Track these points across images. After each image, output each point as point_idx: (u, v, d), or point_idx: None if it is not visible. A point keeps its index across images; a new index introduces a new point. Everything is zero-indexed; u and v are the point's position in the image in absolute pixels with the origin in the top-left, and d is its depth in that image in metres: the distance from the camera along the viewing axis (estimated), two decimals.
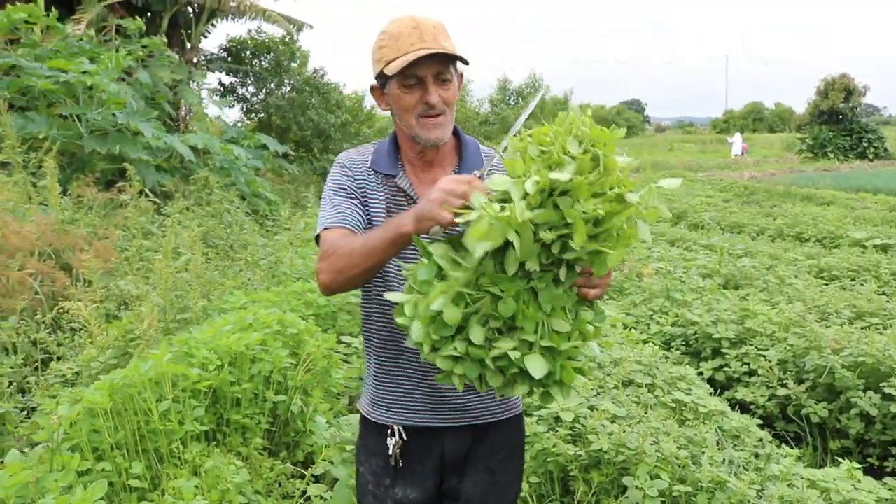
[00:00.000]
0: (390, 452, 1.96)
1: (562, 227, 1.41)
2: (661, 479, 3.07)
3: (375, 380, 2.00)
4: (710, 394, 4.51)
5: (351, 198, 1.89)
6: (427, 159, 1.92)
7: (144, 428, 2.95)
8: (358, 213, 1.86)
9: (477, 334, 1.46)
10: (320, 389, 3.98)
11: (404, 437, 1.95)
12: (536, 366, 1.46)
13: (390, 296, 1.60)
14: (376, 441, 2.00)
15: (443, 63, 1.79)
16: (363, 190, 1.92)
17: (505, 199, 1.44)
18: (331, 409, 4.08)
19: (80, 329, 4.02)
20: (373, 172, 1.93)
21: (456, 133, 1.98)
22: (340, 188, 1.91)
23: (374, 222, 1.89)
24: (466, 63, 1.85)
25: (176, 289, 4.46)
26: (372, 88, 1.93)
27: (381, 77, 1.84)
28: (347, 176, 1.93)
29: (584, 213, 1.38)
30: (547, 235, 1.40)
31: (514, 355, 1.46)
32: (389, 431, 1.97)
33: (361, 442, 2.08)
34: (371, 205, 1.91)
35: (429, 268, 1.52)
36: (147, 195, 7.80)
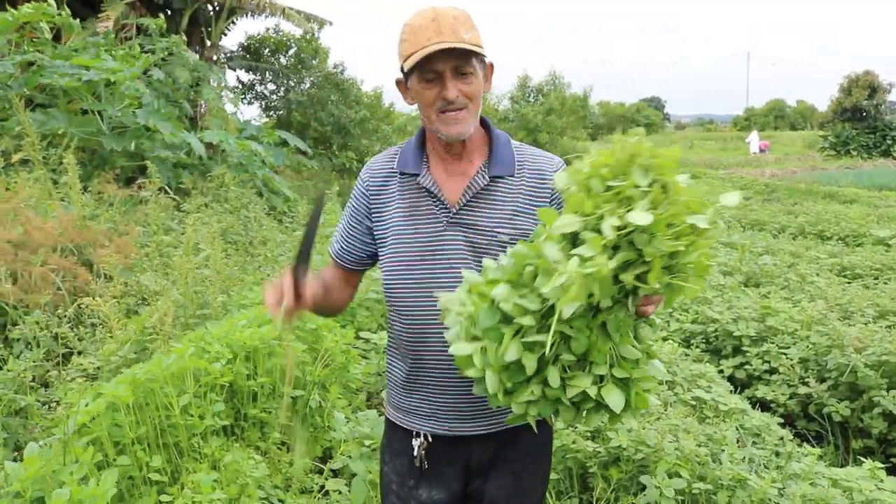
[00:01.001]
0: (415, 454, 1.94)
1: (639, 265, 1.34)
2: (680, 476, 3.04)
3: (402, 387, 1.98)
4: (731, 392, 4.47)
5: (355, 223, 1.97)
6: (454, 152, 1.88)
7: (165, 422, 2.96)
8: (354, 244, 1.98)
9: (554, 378, 1.42)
10: (338, 385, 3.99)
11: (430, 440, 1.93)
12: (615, 399, 1.44)
13: (456, 348, 1.52)
14: (401, 441, 1.99)
15: (462, 56, 1.73)
16: (376, 201, 1.92)
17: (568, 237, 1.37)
18: (349, 404, 4.08)
19: (101, 324, 4.05)
20: (397, 174, 1.91)
21: (486, 125, 1.94)
22: (351, 208, 1.99)
23: (392, 227, 1.88)
24: (484, 57, 1.80)
25: (195, 284, 4.48)
26: (397, 82, 1.90)
27: (404, 71, 1.82)
28: (360, 191, 1.96)
29: (661, 250, 1.31)
30: (627, 278, 1.34)
31: (591, 392, 1.42)
32: (415, 432, 1.95)
33: (386, 441, 2.06)
34: (387, 212, 1.90)
35: (491, 313, 1.46)
36: (167, 192, 7.84)
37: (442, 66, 1.73)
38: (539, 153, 1.93)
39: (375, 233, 1.94)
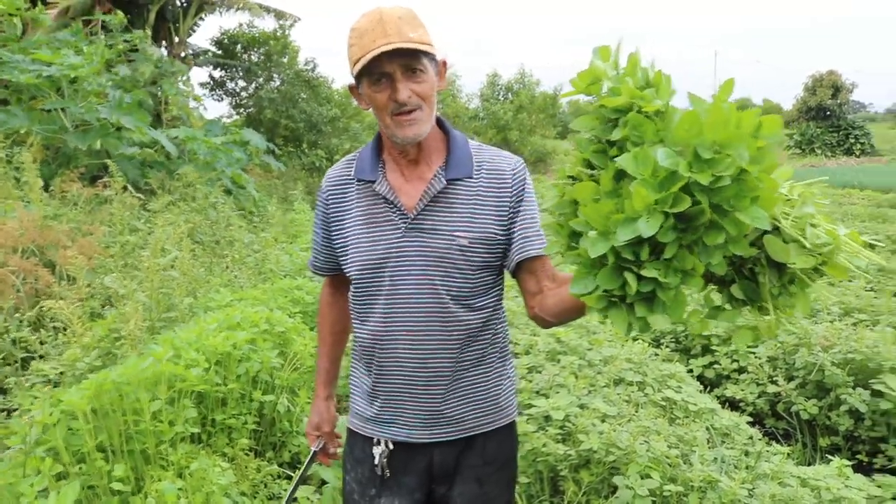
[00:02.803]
0: (377, 462, 1.90)
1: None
2: (651, 478, 3.04)
3: (364, 394, 1.95)
4: (700, 391, 4.50)
5: (323, 234, 1.98)
6: (411, 156, 1.84)
7: (133, 429, 2.90)
8: (325, 252, 2.01)
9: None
10: (307, 389, 3.94)
11: (391, 447, 1.90)
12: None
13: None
14: (362, 450, 1.95)
15: (410, 56, 1.68)
16: (336, 209, 1.91)
17: None
18: None
19: (64, 328, 3.96)
20: (354, 182, 1.88)
21: (442, 126, 1.90)
22: (317, 218, 2.01)
23: (351, 235, 1.86)
24: (433, 56, 1.75)
25: (162, 287, 4.39)
26: (350, 88, 1.86)
27: (354, 76, 1.77)
28: (321, 200, 1.97)
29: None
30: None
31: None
32: (376, 440, 1.92)
33: (348, 450, 2.03)
34: (347, 220, 1.88)
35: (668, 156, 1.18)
36: (131, 191, 7.71)
37: (390, 67, 1.68)
38: (498, 153, 1.89)
39: (336, 242, 1.91)
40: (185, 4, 16.68)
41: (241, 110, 19.64)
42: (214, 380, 3.36)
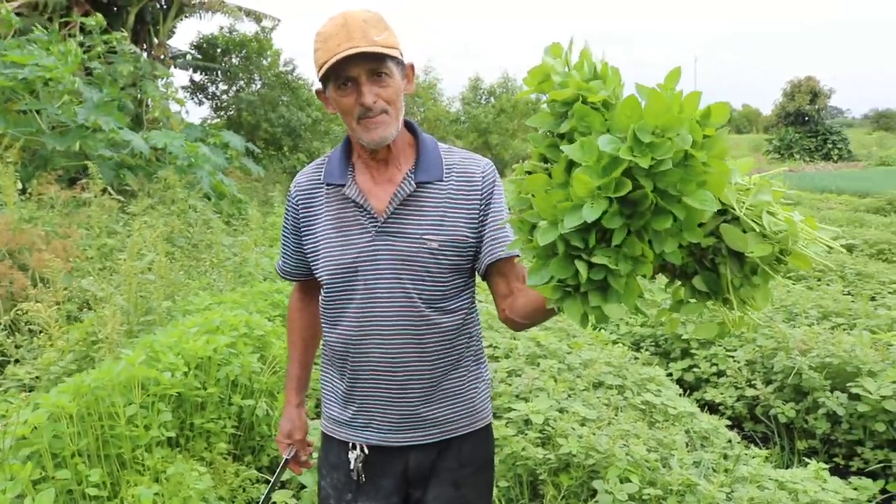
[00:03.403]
0: (352, 467, 1.89)
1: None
2: (631, 482, 3.05)
3: (337, 399, 1.93)
4: (680, 395, 4.51)
5: (292, 239, 1.97)
6: (379, 158, 1.83)
7: (108, 433, 2.87)
8: (295, 257, 2.00)
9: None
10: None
11: (366, 452, 1.89)
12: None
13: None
14: (338, 454, 1.94)
15: (375, 59, 1.67)
16: (306, 214, 1.89)
17: None
18: None
19: (40, 331, 3.91)
20: (324, 186, 1.87)
21: (411, 129, 1.89)
22: (286, 222, 1.99)
23: (321, 239, 1.85)
24: (399, 59, 1.74)
25: (140, 290, 4.35)
26: (317, 92, 1.85)
27: (322, 80, 1.76)
28: (290, 205, 1.96)
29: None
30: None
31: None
32: (351, 445, 1.90)
33: (323, 454, 2.01)
34: (317, 224, 1.86)
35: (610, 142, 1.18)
36: (110, 193, 7.64)
37: (355, 72, 1.67)
38: (468, 156, 1.89)
39: (306, 247, 1.90)
40: (164, 7, 16.58)
41: (222, 113, 19.54)
42: (194, 384, 3.33)
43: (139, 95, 12.52)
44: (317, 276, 1.89)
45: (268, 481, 3.46)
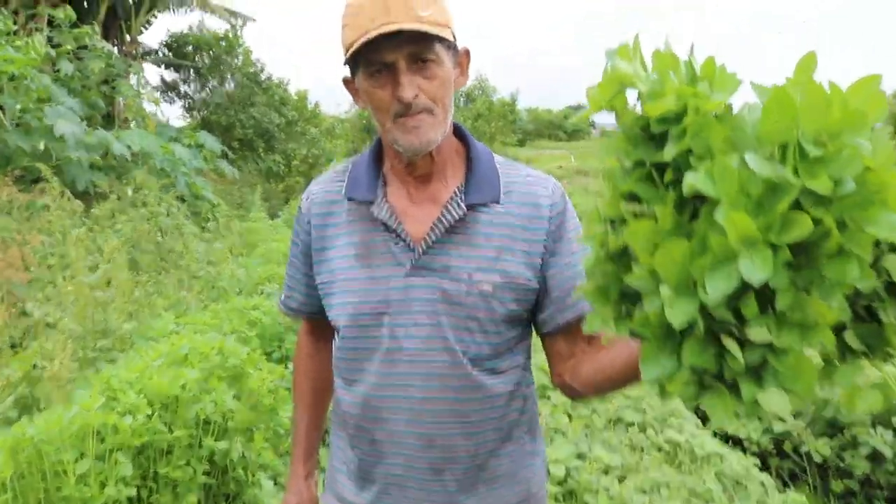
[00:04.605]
0: None
1: None
2: None
3: (349, 477, 1.47)
4: (699, 427, 4.10)
5: (299, 262, 1.53)
6: (420, 172, 1.37)
7: (55, 495, 2.37)
8: (304, 289, 1.55)
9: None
10: (265, 430, 3.44)
11: None
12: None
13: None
14: None
15: (419, 41, 1.23)
16: (319, 237, 1.43)
17: None
18: (276, 453, 3.54)
19: None
20: (344, 202, 1.41)
21: (460, 134, 1.43)
22: (293, 246, 1.55)
23: (338, 272, 1.39)
24: (451, 42, 1.29)
25: (96, 309, 3.79)
26: (344, 81, 1.39)
27: (350, 65, 1.31)
28: (301, 224, 1.49)
29: None
30: None
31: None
32: None
33: None
34: (334, 252, 1.40)
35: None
36: (69, 196, 7.04)
37: (392, 56, 1.23)
38: (532, 173, 1.42)
39: (319, 279, 1.43)
40: (136, 1, 15.98)
41: (195, 113, 18.92)
42: (158, 426, 2.84)
43: (109, 92, 11.93)
44: (330, 319, 1.43)
45: None
